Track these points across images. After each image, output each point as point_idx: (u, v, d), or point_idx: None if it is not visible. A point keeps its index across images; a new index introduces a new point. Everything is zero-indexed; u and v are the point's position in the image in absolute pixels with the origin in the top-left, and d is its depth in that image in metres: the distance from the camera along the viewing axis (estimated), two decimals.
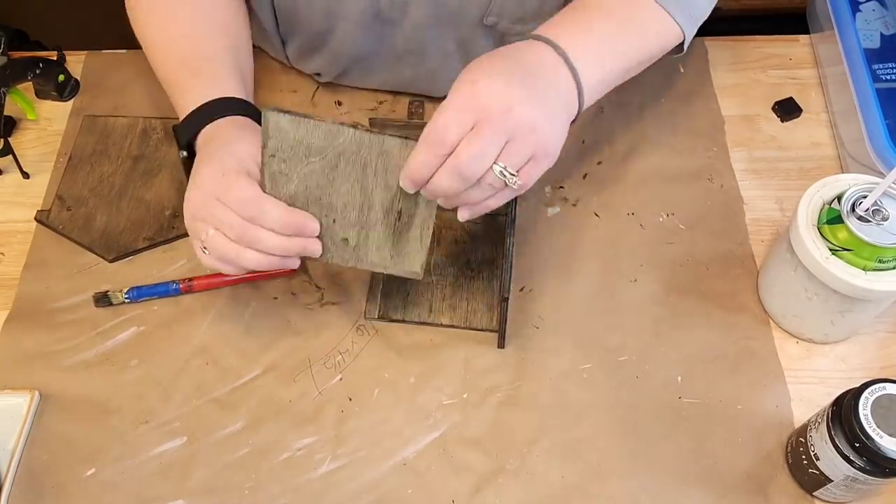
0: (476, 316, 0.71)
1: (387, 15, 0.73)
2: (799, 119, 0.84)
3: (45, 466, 0.65)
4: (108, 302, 0.72)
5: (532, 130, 0.55)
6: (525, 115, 0.54)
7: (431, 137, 0.54)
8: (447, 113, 0.54)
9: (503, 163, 0.55)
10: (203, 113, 0.66)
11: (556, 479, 0.64)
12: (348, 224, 0.58)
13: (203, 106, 0.66)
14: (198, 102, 0.66)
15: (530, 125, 0.54)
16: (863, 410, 0.55)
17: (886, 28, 0.81)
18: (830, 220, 0.61)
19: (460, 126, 0.53)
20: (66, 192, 0.79)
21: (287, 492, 0.64)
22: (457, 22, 0.74)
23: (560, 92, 0.58)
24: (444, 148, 0.54)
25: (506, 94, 0.54)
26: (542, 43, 0.59)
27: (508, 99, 0.54)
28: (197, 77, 0.69)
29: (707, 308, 0.72)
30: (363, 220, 0.58)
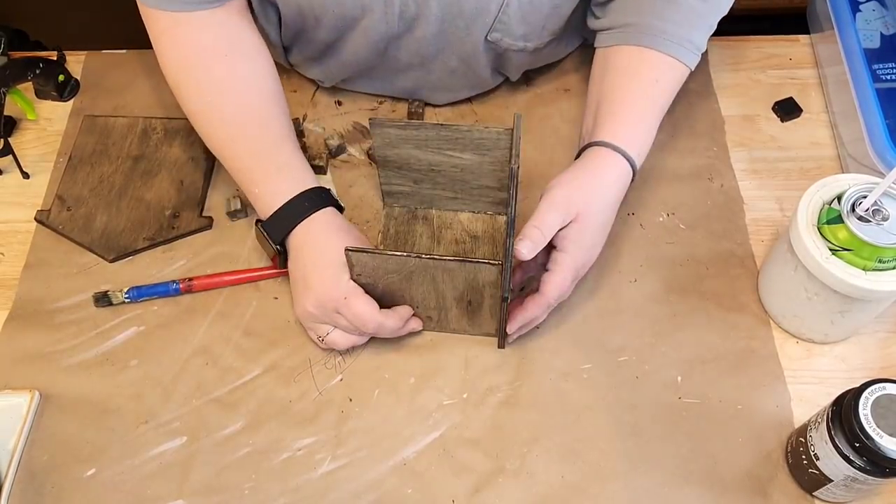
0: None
1: (395, 32, 0.74)
2: (799, 119, 0.84)
3: (44, 466, 0.65)
4: (108, 302, 0.72)
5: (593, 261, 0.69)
6: (596, 255, 0.69)
7: (548, 300, 0.66)
8: (560, 289, 0.66)
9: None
10: (291, 211, 0.68)
11: (556, 480, 0.64)
12: (429, 308, 0.68)
13: (291, 202, 0.68)
14: (282, 197, 0.68)
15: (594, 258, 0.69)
16: (863, 410, 0.55)
17: (886, 28, 0.81)
18: (830, 220, 0.61)
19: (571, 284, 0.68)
20: (66, 192, 0.79)
21: (287, 492, 0.64)
22: (461, 39, 0.74)
23: (623, 190, 0.70)
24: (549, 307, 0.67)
25: (593, 253, 0.68)
26: (617, 155, 0.69)
27: (594, 256, 0.69)
28: (272, 166, 0.70)
29: (707, 308, 0.72)
30: (440, 306, 0.67)
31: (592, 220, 0.66)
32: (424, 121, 0.83)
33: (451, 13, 0.72)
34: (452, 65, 0.78)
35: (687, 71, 0.74)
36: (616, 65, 0.74)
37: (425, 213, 0.77)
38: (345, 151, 0.82)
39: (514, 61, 0.80)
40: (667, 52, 0.72)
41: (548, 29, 0.76)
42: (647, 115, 0.72)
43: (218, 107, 0.71)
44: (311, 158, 0.80)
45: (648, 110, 0.72)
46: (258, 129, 0.71)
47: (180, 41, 0.70)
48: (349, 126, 0.84)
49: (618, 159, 0.69)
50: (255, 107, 0.71)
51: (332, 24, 0.74)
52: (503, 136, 0.68)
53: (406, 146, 0.70)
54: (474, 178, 0.73)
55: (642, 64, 0.73)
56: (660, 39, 0.71)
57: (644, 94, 0.72)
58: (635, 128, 0.71)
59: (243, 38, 0.72)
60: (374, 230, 0.77)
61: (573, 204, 0.65)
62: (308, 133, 0.83)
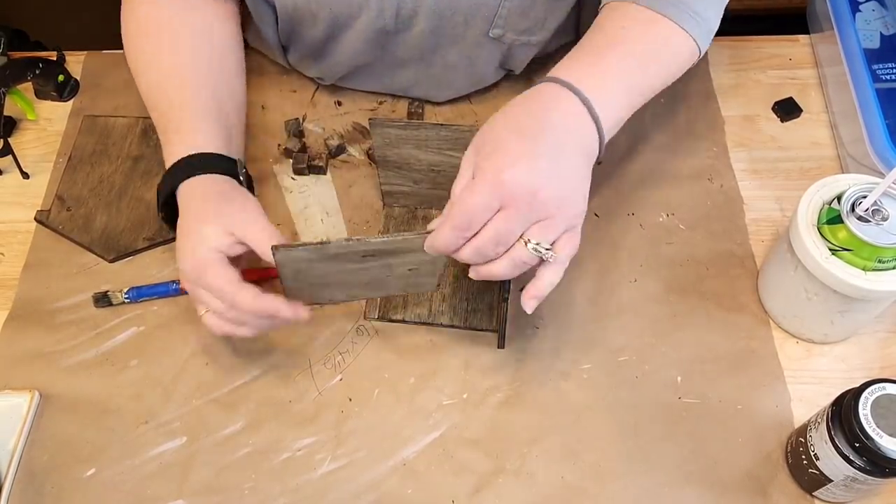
0: (476, 316, 0.71)
1: (392, 28, 0.74)
2: (799, 119, 0.84)
3: (44, 467, 0.65)
4: (107, 302, 0.72)
5: (559, 207, 0.55)
6: (551, 196, 0.54)
7: (458, 220, 0.55)
8: (473, 198, 0.54)
9: (536, 240, 0.55)
10: (172, 175, 0.67)
11: (556, 480, 0.64)
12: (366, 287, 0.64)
13: (173, 166, 0.67)
14: (169, 161, 0.67)
15: (557, 203, 0.55)
16: (862, 410, 0.55)
17: (886, 28, 0.81)
18: (830, 220, 0.61)
19: (486, 211, 0.54)
20: (65, 193, 0.79)
21: (287, 492, 0.64)
22: (462, 34, 0.74)
23: (584, 144, 0.58)
24: (468, 231, 0.55)
25: (530, 180, 0.54)
26: (565, 90, 0.58)
27: (533, 184, 0.54)
28: (177, 128, 0.69)
29: (707, 308, 0.72)
30: (382, 282, 0.63)
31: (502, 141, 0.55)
32: (424, 121, 0.83)
33: (447, 8, 0.71)
34: (452, 60, 0.78)
35: (695, 49, 0.66)
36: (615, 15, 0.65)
37: (425, 213, 0.77)
38: (345, 151, 0.82)
39: (519, 56, 0.79)
40: (677, 22, 0.63)
41: (550, 22, 0.76)
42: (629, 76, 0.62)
43: (150, 69, 0.72)
44: (310, 159, 0.80)
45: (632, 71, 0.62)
46: (172, 90, 0.71)
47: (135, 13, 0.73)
48: (349, 126, 0.84)
49: (559, 91, 0.58)
50: (179, 68, 0.72)
51: (328, 22, 0.74)
52: None
53: (406, 146, 0.70)
54: None
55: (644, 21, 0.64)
56: (682, 11, 0.64)
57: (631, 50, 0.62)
58: (604, 79, 0.60)
59: (196, 12, 0.74)
60: (374, 230, 0.77)
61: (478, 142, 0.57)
62: (308, 133, 0.83)
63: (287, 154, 0.82)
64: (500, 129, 0.56)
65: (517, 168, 0.54)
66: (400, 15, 0.72)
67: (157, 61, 0.72)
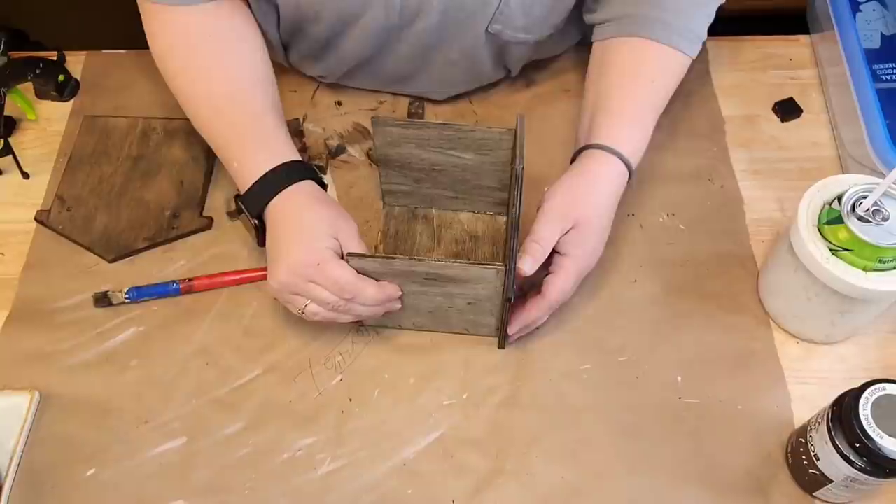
0: None
1: (396, 25, 0.74)
2: (799, 119, 0.84)
3: (45, 467, 0.65)
4: (107, 302, 0.72)
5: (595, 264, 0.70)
6: (598, 257, 0.69)
7: (549, 303, 0.66)
8: (563, 291, 0.66)
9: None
10: (269, 183, 0.67)
11: (556, 480, 0.64)
12: (430, 308, 0.68)
13: (268, 174, 0.67)
14: (260, 169, 0.67)
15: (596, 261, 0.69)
16: (863, 411, 0.55)
17: (887, 28, 0.81)
18: (831, 220, 0.61)
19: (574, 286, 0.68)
20: (66, 193, 0.78)
21: (287, 492, 0.64)
22: (462, 31, 0.74)
23: (619, 192, 0.70)
24: (551, 309, 0.68)
25: (595, 256, 0.68)
26: (614, 158, 0.69)
27: (595, 258, 0.69)
28: (251, 140, 0.69)
29: (707, 309, 0.72)
30: (441, 305, 0.67)
31: (592, 224, 0.67)
32: (424, 120, 0.83)
33: (453, 5, 0.72)
34: (453, 57, 0.78)
35: (688, 60, 0.74)
36: (613, 60, 0.74)
37: (426, 212, 0.77)
38: (345, 152, 0.82)
39: (515, 54, 0.79)
40: (666, 43, 0.72)
41: (550, 21, 0.76)
42: (644, 114, 0.72)
43: (202, 83, 0.71)
44: (310, 159, 0.80)
45: (646, 110, 0.72)
46: (240, 104, 0.71)
47: (169, 23, 0.71)
48: (349, 126, 0.84)
49: (613, 162, 0.69)
50: (238, 82, 0.72)
51: (332, 20, 0.74)
52: (505, 137, 0.68)
53: (407, 145, 0.70)
54: (475, 178, 0.73)
55: (641, 58, 0.73)
56: (658, 29, 0.71)
57: (641, 94, 0.72)
58: (631, 129, 0.71)
59: (232, 20, 0.73)
60: (375, 230, 0.77)
61: (571, 212, 0.66)
62: (308, 133, 0.83)
63: None
64: (590, 214, 0.67)
65: (593, 259, 0.68)
66: (405, 12, 0.72)
67: (218, 71, 0.71)
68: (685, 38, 0.72)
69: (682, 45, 0.72)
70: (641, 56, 0.73)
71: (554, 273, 0.66)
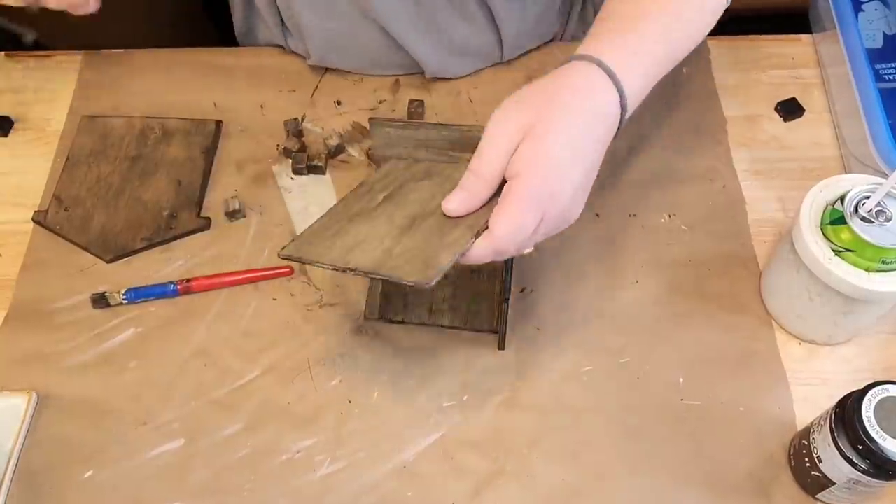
0: (476, 317, 0.71)
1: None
2: (801, 119, 0.84)
3: (43, 468, 0.65)
4: (105, 303, 0.72)
5: (571, 218, 0.56)
6: (574, 212, 0.55)
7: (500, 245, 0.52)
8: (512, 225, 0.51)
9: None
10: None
11: (557, 482, 0.64)
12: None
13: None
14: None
15: (573, 216, 0.55)
16: (866, 412, 0.54)
17: (889, 28, 0.81)
18: (833, 220, 0.61)
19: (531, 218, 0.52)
20: (63, 193, 0.78)
21: (286, 494, 0.64)
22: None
23: (607, 124, 0.55)
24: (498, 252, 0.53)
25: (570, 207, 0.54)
26: (594, 67, 0.55)
27: (570, 210, 0.54)
28: None
29: (709, 309, 0.71)
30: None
31: (555, 132, 0.51)
32: (424, 120, 0.83)
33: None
34: (443, 22, 0.76)
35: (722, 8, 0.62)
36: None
37: None
38: (344, 151, 0.82)
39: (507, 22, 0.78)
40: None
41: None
42: (654, 40, 0.58)
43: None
44: (309, 158, 0.80)
45: (656, 36, 0.58)
46: None
47: None
48: (348, 126, 0.84)
49: (597, 76, 0.54)
50: None
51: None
52: None
53: (406, 146, 0.70)
54: None
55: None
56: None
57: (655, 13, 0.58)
58: (632, 50, 0.56)
59: None
60: None
61: (513, 124, 0.52)
62: (307, 133, 0.83)
63: (286, 154, 0.81)
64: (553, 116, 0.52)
65: (565, 192, 0.52)
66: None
67: None
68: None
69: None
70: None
71: (500, 203, 0.51)
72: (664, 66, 0.59)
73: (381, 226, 0.56)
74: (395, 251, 0.54)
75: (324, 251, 0.56)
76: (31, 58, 0.89)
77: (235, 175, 0.80)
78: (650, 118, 0.83)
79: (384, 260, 0.54)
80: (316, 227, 0.59)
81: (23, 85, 0.87)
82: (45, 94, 0.86)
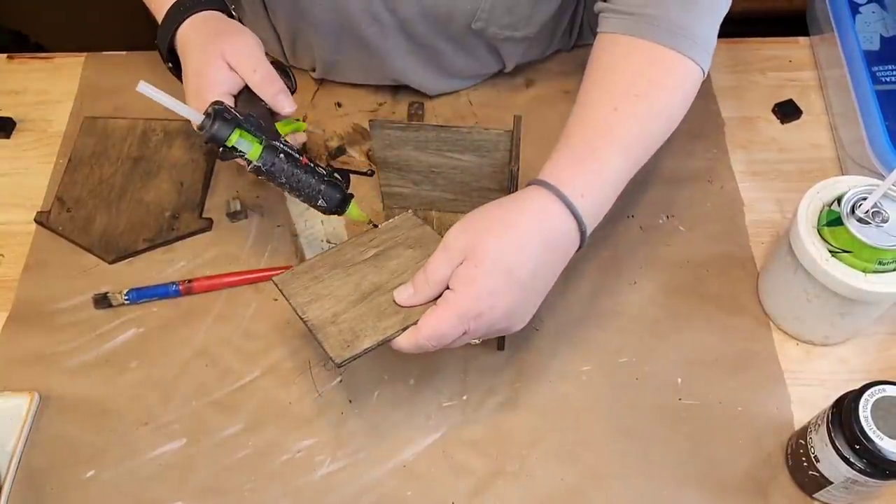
0: None
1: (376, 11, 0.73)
2: (799, 121, 0.84)
3: (44, 468, 0.65)
4: (107, 303, 0.72)
5: (509, 329, 0.58)
6: (515, 321, 0.57)
7: (425, 341, 0.55)
8: (447, 330, 0.55)
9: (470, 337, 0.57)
10: (170, 17, 0.67)
11: (556, 482, 0.64)
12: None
13: (171, 7, 0.67)
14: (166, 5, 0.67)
15: (513, 327, 0.58)
16: (863, 412, 0.55)
17: (886, 30, 0.81)
18: (830, 221, 0.61)
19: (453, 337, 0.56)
20: (65, 194, 0.78)
21: (287, 493, 0.64)
22: (445, 24, 0.74)
23: (561, 246, 0.57)
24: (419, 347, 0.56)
25: (505, 321, 0.56)
26: (548, 194, 0.56)
27: (504, 323, 0.57)
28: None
29: (707, 310, 0.72)
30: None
31: (489, 262, 0.54)
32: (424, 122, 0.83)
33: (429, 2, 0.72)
34: (441, 47, 0.78)
35: (700, 73, 0.63)
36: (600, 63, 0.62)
37: (425, 214, 0.77)
38: (344, 153, 0.82)
39: (507, 50, 0.79)
40: (684, 53, 0.60)
41: (536, 19, 0.75)
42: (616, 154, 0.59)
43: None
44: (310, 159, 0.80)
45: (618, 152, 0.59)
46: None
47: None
48: (349, 128, 0.84)
49: (549, 199, 0.56)
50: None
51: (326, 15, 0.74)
52: (503, 138, 0.68)
53: (406, 148, 0.70)
54: (474, 180, 0.73)
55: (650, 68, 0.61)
56: (678, 36, 0.60)
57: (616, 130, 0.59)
58: (591, 170, 0.58)
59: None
60: None
61: (462, 241, 0.55)
62: (308, 135, 0.83)
63: None
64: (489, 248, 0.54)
65: (495, 313, 0.55)
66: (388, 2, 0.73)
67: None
68: (701, 49, 0.61)
69: (700, 59, 0.61)
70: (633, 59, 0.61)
71: (434, 307, 0.56)
72: (627, 176, 0.61)
73: (347, 287, 0.61)
74: (340, 318, 0.59)
75: (299, 291, 0.62)
76: (34, 59, 0.89)
77: (237, 176, 0.81)
78: None
79: (326, 324, 0.59)
80: (310, 263, 0.64)
81: (25, 86, 0.88)
82: (47, 96, 0.87)
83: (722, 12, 0.64)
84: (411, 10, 0.73)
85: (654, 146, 0.63)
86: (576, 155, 0.58)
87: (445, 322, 0.55)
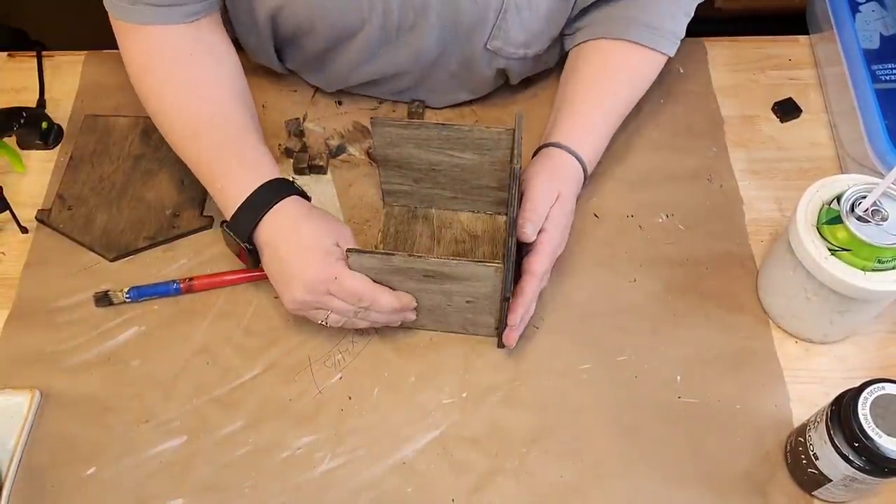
0: None
1: (393, 40, 0.74)
2: (798, 119, 0.84)
3: (45, 466, 0.65)
4: (108, 301, 0.72)
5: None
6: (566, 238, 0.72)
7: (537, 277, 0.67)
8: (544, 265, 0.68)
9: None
10: (257, 203, 0.66)
11: (555, 479, 0.64)
12: (430, 307, 0.67)
13: (254, 194, 0.66)
14: (246, 190, 0.66)
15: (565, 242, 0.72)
16: (862, 410, 0.55)
17: (886, 29, 0.81)
18: (830, 220, 0.61)
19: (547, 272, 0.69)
20: (66, 192, 0.79)
21: (287, 490, 0.64)
22: (461, 47, 0.75)
23: (576, 193, 0.73)
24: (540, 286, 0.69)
25: (565, 235, 0.71)
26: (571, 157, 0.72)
27: (565, 238, 0.72)
28: (236, 161, 0.68)
29: (706, 308, 0.72)
30: (440, 305, 0.67)
31: (568, 203, 0.70)
32: (424, 121, 0.84)
33: (449, 22, 0.72)
34: (452, 69, 0.78)
35: (664, 59, 0.77)
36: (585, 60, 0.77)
37: (425, 212, 0.78)
38: (345, 151, 0.83)
39: (515, 69, 0.80)
40: (641, 43, 0.75)
41: (548, 34, 0.76)
42: (604, 122, 0.76)
43: (179, 105, 0.70)
44: (310, 158, 0.80)
45: (606, 117, 0.76)
46: (222, 124, 0.69)
47: (146, 42, 0.70)
48: (349, 126, 0.84)
49: (571, 160, 0.72)
50: (216, 103, 0.70)
51: (328, 34, 0.74)
52: (504, 137, 0.68)
53: (407, 145, 0.70)
54: (475, 178, 0.73)
55: (610, 60, 0.76)
56: (633, 29, 0.74)
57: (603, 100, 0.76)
58: (588, 133, 0.75)
59: (210, 38, 0.72)
60: (374, 229, 0.77)
61: (555, 186, 0.69)
62: (308, 133, 0.84)
63: (287, 154, 0.82)
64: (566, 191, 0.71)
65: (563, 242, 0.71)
66: (402, 28, 0.72)
67: (198, 90, 0.70)
68: (660, 37, 0.75)
69: (659, 45, 0.75)
70: (614, 54, 0.76)
71: (534, 251, 0.67)
72: (611, 130, 0.77)
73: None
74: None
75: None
76: (34, 57, 0.89)
77: None
78: (648, 118, 0.83)
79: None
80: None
81: (25, 85, 0.88)
82: (48, 94, 0.87)
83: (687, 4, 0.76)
84: (429, 35, 0.73)
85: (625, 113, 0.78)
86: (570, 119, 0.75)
87: (548, 259, 0.68)
